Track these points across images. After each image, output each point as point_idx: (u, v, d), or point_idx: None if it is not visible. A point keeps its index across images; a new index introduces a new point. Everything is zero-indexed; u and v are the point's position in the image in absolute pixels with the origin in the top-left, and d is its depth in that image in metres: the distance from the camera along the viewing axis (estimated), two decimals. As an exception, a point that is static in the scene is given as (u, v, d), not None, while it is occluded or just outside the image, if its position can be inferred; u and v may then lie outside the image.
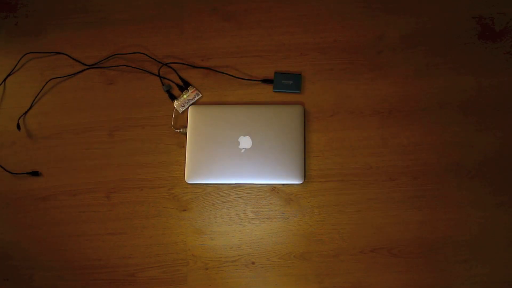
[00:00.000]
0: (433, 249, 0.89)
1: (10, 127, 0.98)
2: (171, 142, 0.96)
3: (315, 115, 0.95)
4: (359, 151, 0.93)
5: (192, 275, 0.91)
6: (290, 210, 0.92)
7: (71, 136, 0.97)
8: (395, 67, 0.97)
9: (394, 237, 0.90)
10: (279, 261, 0.90)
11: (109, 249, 0.92)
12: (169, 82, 0.98)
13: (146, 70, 0.99)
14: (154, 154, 0.95)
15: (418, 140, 0.93)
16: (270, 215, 0.92)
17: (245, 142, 0.91)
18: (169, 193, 0.94)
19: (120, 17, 1.03)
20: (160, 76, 0.98)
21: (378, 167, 0.92)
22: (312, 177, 0.92)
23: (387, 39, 0.98)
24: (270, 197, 0.93)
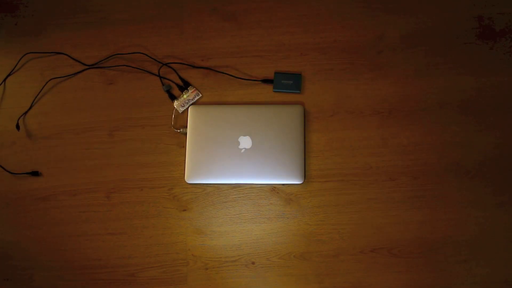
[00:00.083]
0: (433, 249, 0.89)
1: (10, 127, 0.98)
2: (171, 142, 0.96)
3: (315, 115, 0.95)
4: (359, 151, 0.93)
5: (192, 275, 0.91)
6: (290, 210, 0.92)
7: (71, 136, 0.97)
8: (395, 67, 0.97)
9: (394, 237, 0.90)
10: (279, 261, 0.90)
11: (109, 249, 0.92)
12: (169, 82, 0.98)
13: (146, 70, 0.99)
14: (154, 154, 0.95)
15: (418, 140, 0.93)
16: (270, 215, 0.92)
17: (245, 142, 0.91)
18: (169, 193, 0.94)
19: (120, 17, 1.03)
20: (160, 76, 0.98)
21: (378, 167, 0.92)
22: (312, 177, 0.92)
23: (387, 39, 0.98)
24: (270, 197, 0.93)
